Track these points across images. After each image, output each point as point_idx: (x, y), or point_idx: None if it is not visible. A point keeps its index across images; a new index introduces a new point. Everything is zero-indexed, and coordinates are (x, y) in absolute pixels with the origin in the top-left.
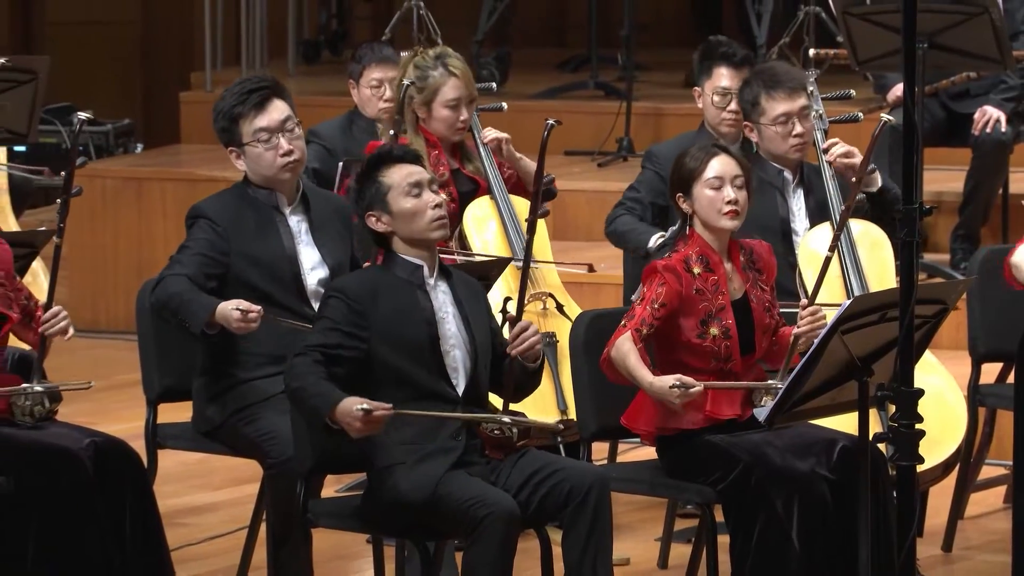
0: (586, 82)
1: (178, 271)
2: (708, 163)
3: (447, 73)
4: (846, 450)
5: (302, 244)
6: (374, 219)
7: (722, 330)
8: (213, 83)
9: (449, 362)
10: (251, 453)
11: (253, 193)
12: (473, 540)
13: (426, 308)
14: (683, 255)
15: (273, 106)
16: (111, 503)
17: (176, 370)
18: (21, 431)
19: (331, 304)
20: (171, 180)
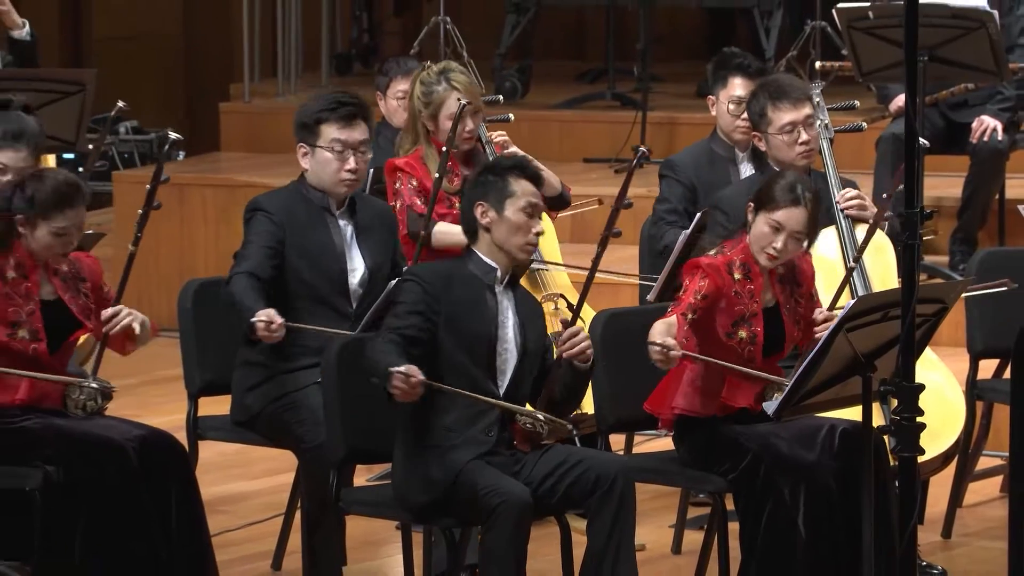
0: (603, 93)
1: (243, 267)
2: (785, 207)
3: (448, 87)
4: (846, 434)
5: (348, 245)
6: (481, 209)
7: (750, 335)
8: (251, 94)
9: (499, 363)
10: (287, 441)
11: (307, 192)
12: (488, 527)
13: (491, 307)
14: (728, 259)
15: (357, 125)
16: (156, 491)
17: (215, 366)
18: (71, 423)
19: (407, 288)
20: (211, 186)
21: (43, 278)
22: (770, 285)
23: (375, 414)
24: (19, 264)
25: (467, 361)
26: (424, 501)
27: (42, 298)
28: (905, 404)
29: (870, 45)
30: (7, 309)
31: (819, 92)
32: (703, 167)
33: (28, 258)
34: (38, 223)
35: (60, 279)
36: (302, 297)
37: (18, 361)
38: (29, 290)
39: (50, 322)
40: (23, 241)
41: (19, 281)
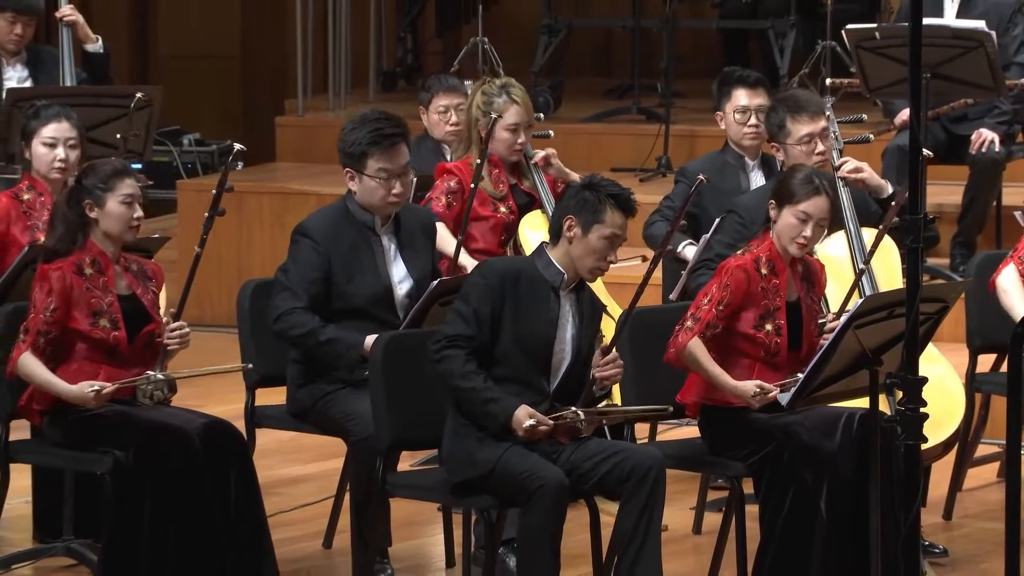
0: (629, 107)
1: (294, 304)
2: (809, 198)
3: (509, 100)
4: (864, 419)
5: (391, 261)
6: (569, 223)
7: (775, 327)
8: (304, 109)
9: (554, 363)
10: (336, 432)
11: (353, 210)
12: (527, 508)
13: (552, 309)
14: (755, 255)
15: (399, 152)
16: (217, 475)
17: (271, 359)
18: (140, 412)
19: (474, 286)
20: (267, 194)
21: (117, 274)
22: (793, 280)
23: (418, 405)
24: (94, 261)
25: (523, 358)
26: (468, 479)
27: (118, 292)
28: (909, 396)
29: (877, 63)
30: (88, 300)
31: (829, 107)
32: (714, 173)
33: (102, 255)
34: (106, 199)
35: (132, 275)
36: (349, 314)
37: (99, 349)
38: (106, 283)
39: (126, 314)
40: (95, 233)
41: (97, 276)
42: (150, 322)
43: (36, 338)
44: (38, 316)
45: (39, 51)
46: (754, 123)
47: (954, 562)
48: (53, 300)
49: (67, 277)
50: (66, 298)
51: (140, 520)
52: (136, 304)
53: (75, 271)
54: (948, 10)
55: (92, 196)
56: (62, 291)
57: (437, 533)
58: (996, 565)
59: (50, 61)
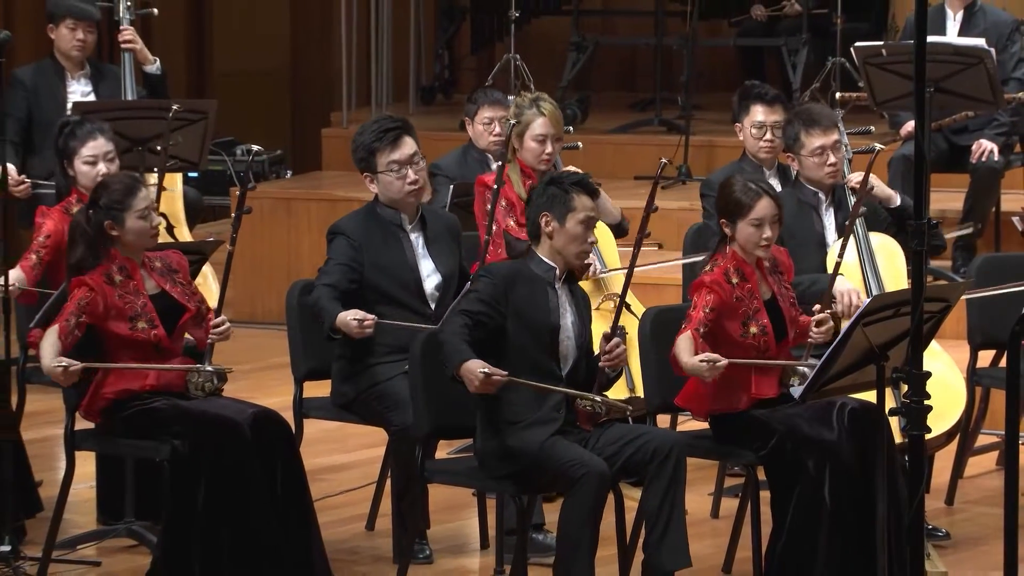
0: (652, 119)
1: (325, 281)
2: (755, 205)
3: (538, 112)
4: (854, 412)
5: (420, 256)
6: (545, 219)
7: (759, 328)
8: (349, 120)
9: (562, 349)
10: (378, 422)
11: (381, 212)
12: (571, 494)
13: (552, 301)
14: (723, 268)
15: (404, 142)
16: (266, 462)
17: (318, 354)
18: (194, 403)
19: (481, 281)
20: (314, 200)
21: (145, 275)
22: (763, 279)
23: (454, 396)
24: (121, 267)
25: (532, 349)
26: (503, 472)
27: (149, 292)
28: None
29: (883, 78)
30: (123, 306)
31: (839, 119)
32: None
33: (128, 261)
34: (125, 217)
35: (158, 274)
36: (382, 304)
37: (143, 349)
38: (136, 287)
39: (161, 311)
40: (117, 245)
41: (126, 281)
42: (184, 312)
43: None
44: (71, 306)
45: (102, 68)
46: (769, 138)
47: (956, 544)
48: (87, 296)
49: (101, 286)
50: (104, 303)
51: (195, 503)
52: (168, 300)
53: (105, 281)
54: (950, 29)
55: (111, 216)
56: (102, 296)
57: (472, 517)
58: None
59: (112, 78)
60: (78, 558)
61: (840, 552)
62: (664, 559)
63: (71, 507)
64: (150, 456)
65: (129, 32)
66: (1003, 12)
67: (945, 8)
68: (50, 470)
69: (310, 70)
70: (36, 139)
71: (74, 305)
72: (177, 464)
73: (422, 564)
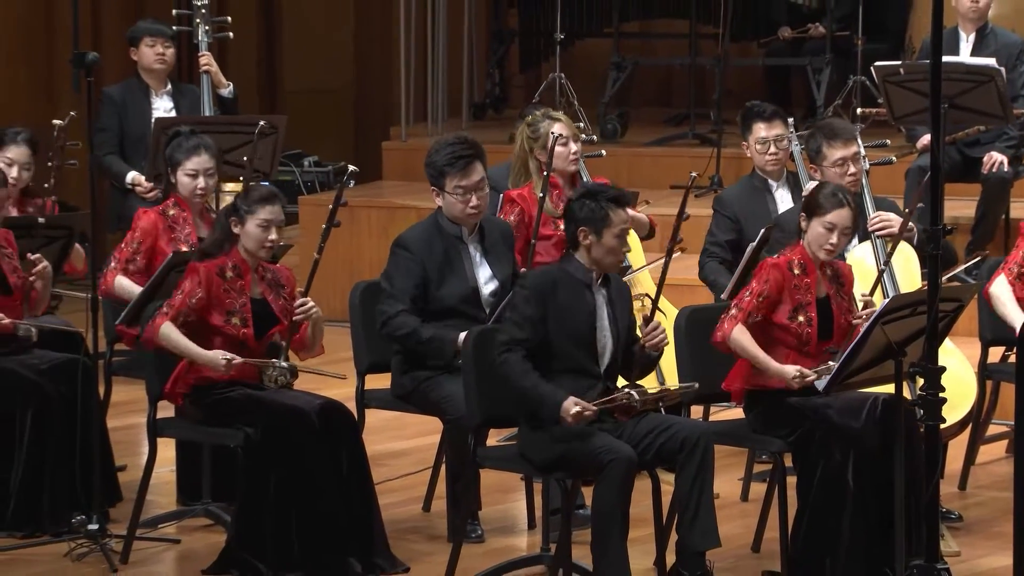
0: (686, 133)
1: (400, 308)
2: (833, 210)
3: (552, 120)
4: (887, 403)
5: (478, 265)
6: (583, 234)
7: (806, 319)
8: (407, 135)
9: (599, 347)
10: (434, 412)
11: (443, 224)
12: (601, 478)
13: (589, 303)
14: (788, 258)
15: (474, 170)
16: (332, 448)
17: (378, 350)
18: (267, 394)
19: (519, 297)
20: (375, 208)
21: (254, 280)
22: (822, 280)
23: (503, 389)
24: (235, 266)
25: (572, 348)
26: (546, 458)
27: (252, 296)
28: (930, 382)
29: (901, 95)
30: (224, 300)
31: (858, 132)
32: (745, 199)
33: (243, 262)
34: (247, 220)
35: (266, 283)
36: (443, 313)
37: (229, 343)
38: (243, 287)
39: (257, 315)
40: (238, 245)
41: (235, 279)
42: (277, 324)
43: (177, 315)
44: (185, 299)
45: (182, 88)
46: (773, 151)
47: (968, 526)
48: (200, 291)
49: (212, 276)
50: (208, 292)
51: (267, 486)
52: (266, 308)
53: (217, 273)
54: (964, 49)
55: (238, 215)
56: (208, 285)
57: (520, 499)
58: (1005, 529)
59: (191, 96)
60: (159, 536)
61: (862, 532)
62: (695, 539)
63: (153, 489)
64: (226, 442)
65: (207, 58)
66: (1012, 34)
67: (959, 30)
68: (134, 455)
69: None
70: (126, 149)
71: (186, 302)
72: (250, 450)
73: (474, 543)
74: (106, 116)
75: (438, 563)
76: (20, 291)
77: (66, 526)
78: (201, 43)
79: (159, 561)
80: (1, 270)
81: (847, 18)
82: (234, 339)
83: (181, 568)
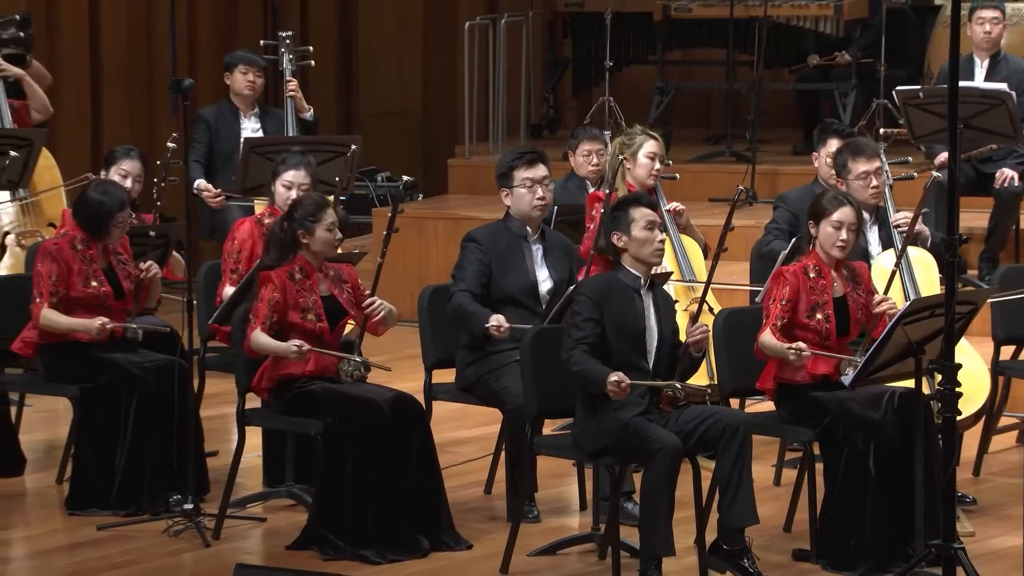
0: (724, 151)
1: (462, 287)
2: (837, 209)
3: (647, 136)
4: (904, 396)
5: (538, 264)
6: (616, 236)
7: (824, 316)
8: (470, 153)
9: (648, 346)
10: (494, 403)
11: (510, 224)
12: (649, 465)
13: (639, 306)
14: (803, 264)
15: (539, 165)
16: (402, 437)
17: (444, 346)
18: (343, 387)
19: (580, 301)
20: (441, 219)
21: (320, 279)
22: (839, 279)
23: (557, 383)
24: (302, 268)
25: (625, 347)
26: (598, 446)
27: (320, 293)
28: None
29: (920, 117)
30: (299, 300)
31: (881, 149)
32: (805, 202)
33: (307, 264)
34: (316, 228)
35: (330, 280)
36: (504, 302)
37: (309, 337)
38: (312, 286)
39: (327, 310)
40: (304, 251)
41: (304, 280)
42: (346, 315)
43: (264, 321)
44: (265, 305)
45: (268, 110)
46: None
47: (982, 509)
48: (277, 295)
49: (284, 280)
50: (284, 295)
51: (344, 470)
52: (335, 303)
53: (288, 277)
54: (978, 75)
55: (304, 226)
56: (282, 289)
57: (573, 484)
58: (1015, 512)
59: (276, 119)
60: (247, 515)
61: (884, 514)
62: (735, 517)
63: (242, 473)
64: (307, 431)
65: (293, 84)
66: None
67: (973, 57)
68: (225, 442)
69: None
70: (216, 165)
71: (266, 307)
72: (329, 438)
73: (531, 523)
74: (198, 133)
75: (498, 541)
76: (131, 295)
77: (164, 505)
78: (286, 70)
79: (247, 537)
80: (116, 276)
81: (870, 47)
82: (311, 333)
83: (267, 544)
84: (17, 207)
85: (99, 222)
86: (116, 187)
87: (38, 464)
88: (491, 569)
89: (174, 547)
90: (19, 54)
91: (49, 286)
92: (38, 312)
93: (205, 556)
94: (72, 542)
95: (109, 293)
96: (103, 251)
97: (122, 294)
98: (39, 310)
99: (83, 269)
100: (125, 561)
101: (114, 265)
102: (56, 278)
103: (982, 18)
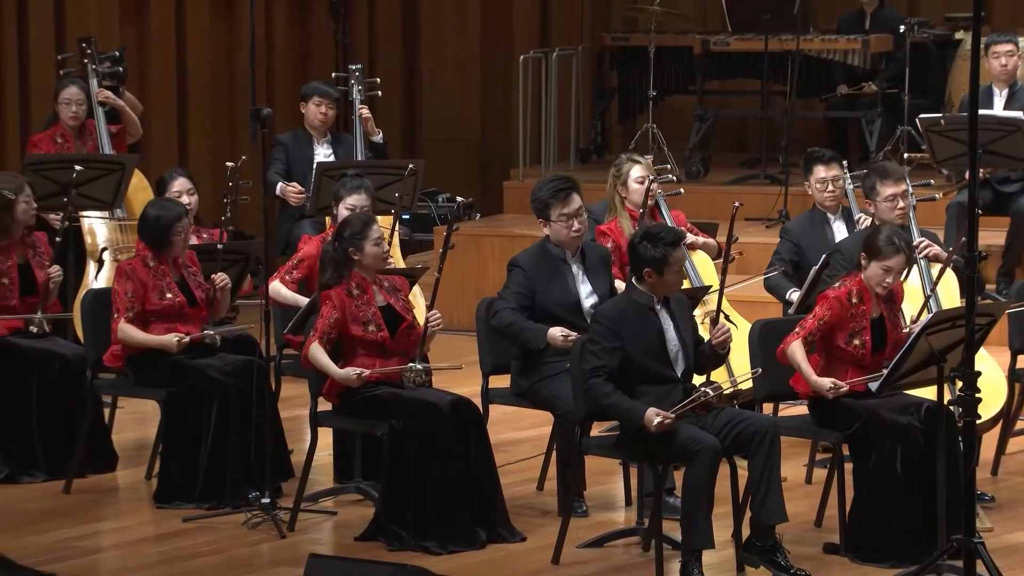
0: (758, 174)
1: (508, 305)
2: (892, 256)
3: (632, 162)
4: (929, 408)
5: (580, 282)
6: (648, 273)
7: (861, 343)
8: (524, 175)
9: (672, 357)
10: (546, 407)
11: (550, 248)
12: (690, 464)
13: (655, 322)
14: (847, 289)
15: (573, 199)
16: (461, 437)
17: (499, 354)
18: (407, 392)
19: (598, 331)
20: (497, 236)
21: (376, 291)
22: (877, 304)
23: None
24: (358, 284)
25: (650, 361)
26: (640, 447)
27: (378, 304)
28: (967, 385)
29: (942, 143)
30: (358, 314)
31: (907, 173)
32: (806, 229)
33: (363, 279)
34: (364, 244)
35: (385, 291)
36: (547, 320)
37: (371, 347)
38: (368, 299)
39: (386, 319)
40: (357, 267)
41: (361, 295)
42: (403, 321)
43: (321, 336)
44: (325, 321)
45: (339, 136)
46: (831, 189)
47: (1000, 506)
48: (336, 312)
49: (343, 297)
50: (343, 311)
51: (408, 468)
52: (392, 311)
53: (346, 293)
54: (996, 104)
55: (353, 244)
56: (341, 306)
57: (619, 481)
58: None
59: (347, 144)
60: (320, 509)
61: (909, 512)
62: (765, 515)
63: (314, 470)
64: (374, 432)
65: (365, 110)
66: None
67: (992, 87)
68: (299, 441)
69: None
70: None
71: (326, 323)
72: (394, 438)
73: (580, 517)
74: (277, 153)
75: (550, 534)
76: (204, 303)
77: (244, 500)
78: (355, 100)
79: (319, 530)
80: (188, 286)
81: (895, 78)
82: (374, 343)
83: (337, 535)
84: (114, 225)
85: (161, 236)
86: (171, 202)
87: (129, 461)
88: (543, 560)
89: (253, 538)
90: (114, 86)
91: (125, 303)
92: (116, 327)
93: (281, 547)
94: (159, 533)
95: (184, 302)
96: (173, 265)
97: (195, 302)
98: (116, 325)
99: (157, 284)
100: (208, 551)
101: (185, 277)
102: (132, 295)
103: (997, 52)
